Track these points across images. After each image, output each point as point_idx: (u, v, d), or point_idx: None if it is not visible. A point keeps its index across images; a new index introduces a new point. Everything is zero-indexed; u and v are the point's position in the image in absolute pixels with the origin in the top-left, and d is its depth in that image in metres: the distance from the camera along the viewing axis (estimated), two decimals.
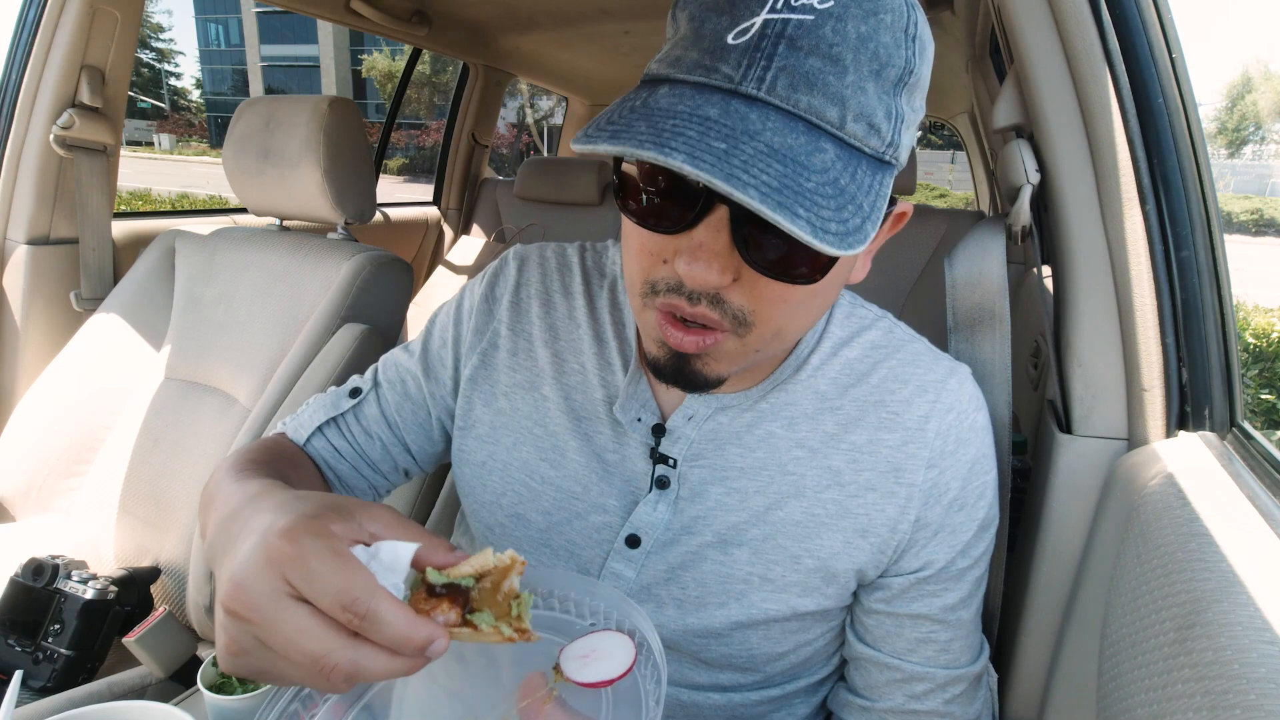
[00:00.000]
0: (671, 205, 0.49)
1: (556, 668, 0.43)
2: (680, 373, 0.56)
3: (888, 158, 0.48)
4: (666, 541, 0.65)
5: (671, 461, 0.64)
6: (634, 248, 0.54)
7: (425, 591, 0.41)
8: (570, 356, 0.71)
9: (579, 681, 0.42)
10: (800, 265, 0.49)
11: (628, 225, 0.55)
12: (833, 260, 0.49)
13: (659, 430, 0.65)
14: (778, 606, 0.63)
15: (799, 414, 0.64)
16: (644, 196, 0.51)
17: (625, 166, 0.53)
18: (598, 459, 0.67)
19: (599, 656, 0.43)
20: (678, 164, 0.41)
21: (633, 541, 0.65)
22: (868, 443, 0.63)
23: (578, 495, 0.67)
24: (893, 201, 0.54)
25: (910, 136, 0.50)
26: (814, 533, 0.62)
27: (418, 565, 0.42)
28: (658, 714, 0.40)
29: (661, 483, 0.65)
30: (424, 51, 2.64)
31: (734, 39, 0.45)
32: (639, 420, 0.66)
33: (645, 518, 0.65)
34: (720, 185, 0.41)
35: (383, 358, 0.80)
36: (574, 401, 0.69)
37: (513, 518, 0.69)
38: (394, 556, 0.41)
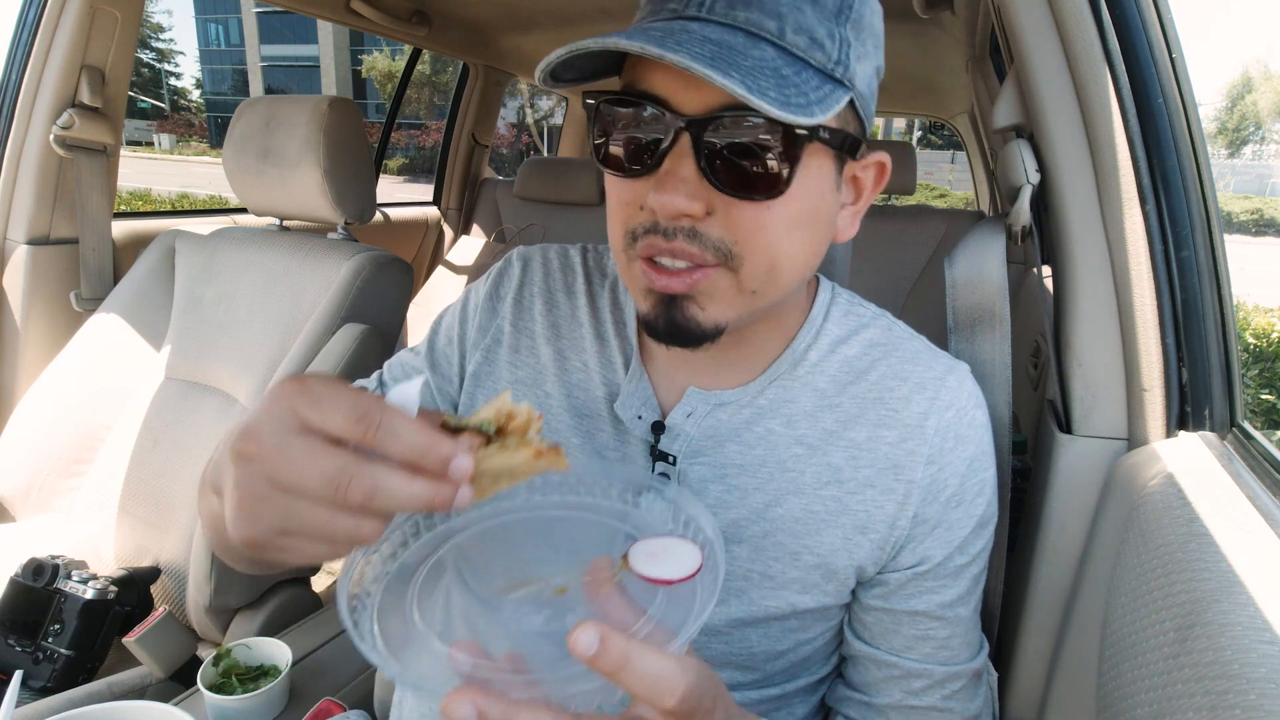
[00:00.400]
0: (640, 147, 0.53)
1: (625, 557, 0.45)
2: (672, 322, 0.55)
3: (837, 75, 0.51)
4: None
5: (671, 459, 0.65)
6: (614, 203, 0.57)
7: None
8: (573, 354, 0.71)
9: (641, 574, 0.43)
10: (763, 178, 0.51)
11: (608, 184, 0.58)
12: (793, 172, 0.51)
13: (659, 428, 0.65)
14: (777, 603, 0.63)
15: (798, 411, 0.64)
16: (615, 144, 0.55)
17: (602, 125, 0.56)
18: (599, 456, 0.68)
19: (666, 558, 0.45)
20: (613, 42, 0.45)
21: (633, 538, 0.65)
22: (867, 439, 0.63)
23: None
24: (861, 149, 0.57)
25: (864, 70, 0.54)
26: (813, 529, 0.62)
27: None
28: (702, 619, 0.40)
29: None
30: (424, 51, 2.64)
31: None
32: (639, 418, 0.66)
33: None
34: (653, 51, 0.44)
35: (389, 360, 0.81)
36: (576, 399, 0.70)
37: None
38: (403, 396, 0.40)
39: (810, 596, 0.63)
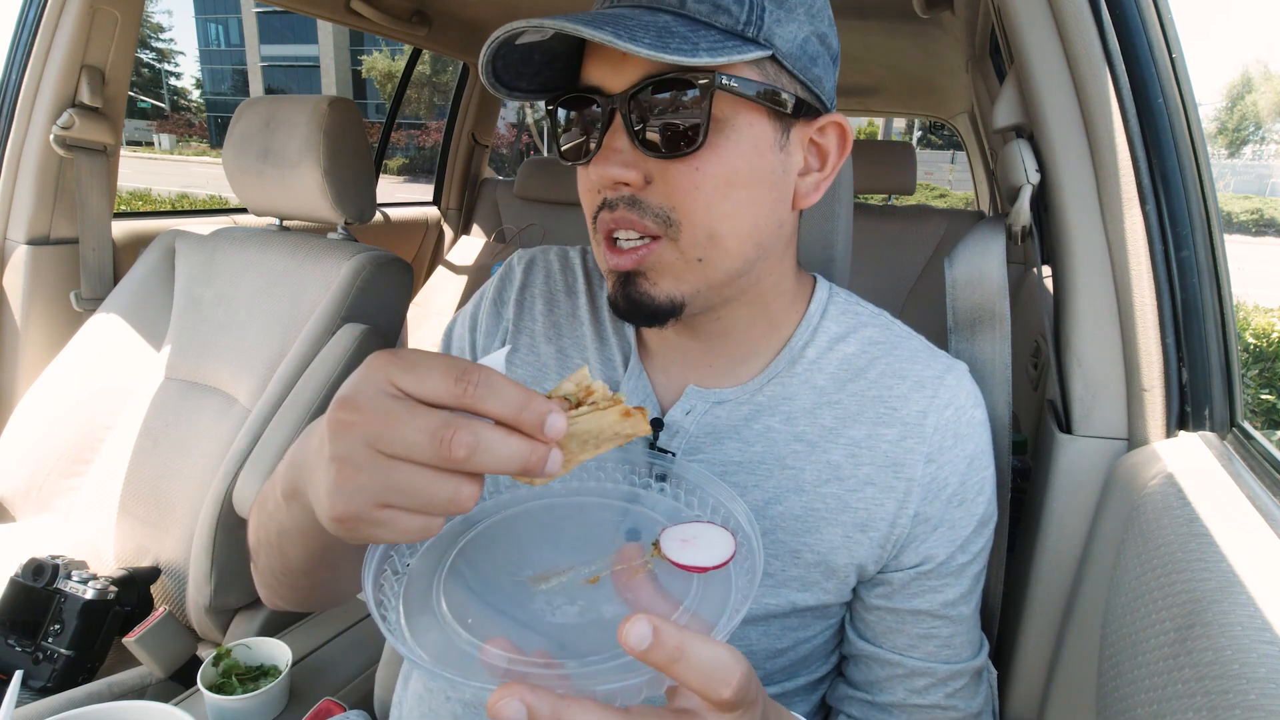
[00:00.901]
0: (582, 136, 0.59)
1: (656, 544, 0.44)
2: (630, 300, 0.59)
3: (748, 34, 0.54)
4: None
5: (670, 455, 0.65)
6: (582, 194, 0.62)
7: None
8: (574, 352, 0.72)
9: (674, 561, 0.42)
10: (681, 134, 0.54)
11: (578, 178, 0.62)
12: (707, 123, 0.53)
13: (658, 425, 0.66)
14: (777, 601, 0.63)
15: (797, 409, 0.65)
16: (570, 138, 0.61)
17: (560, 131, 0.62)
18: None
19: (699, 544, 0.44)
20: (509, 29, 0.50)
21: (633, 535, 0.65)
22: (866, 437, 0.63)
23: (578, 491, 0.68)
24: (809, 111, 0.59)
25: (790, 33, 0.56)
26: (813, 527, 0.62)
27: None
28: (743, 610, 0.39)
29: (661, 477, 0.65)
30: (424, 51, 2.64)
31: None
32: None
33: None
34: (533, 23, 0.49)
35: None
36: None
37: None
38: (492, 364, 0.40)
39: (810, 594, 0.63)
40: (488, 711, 0.35)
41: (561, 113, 0.61)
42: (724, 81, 0.53)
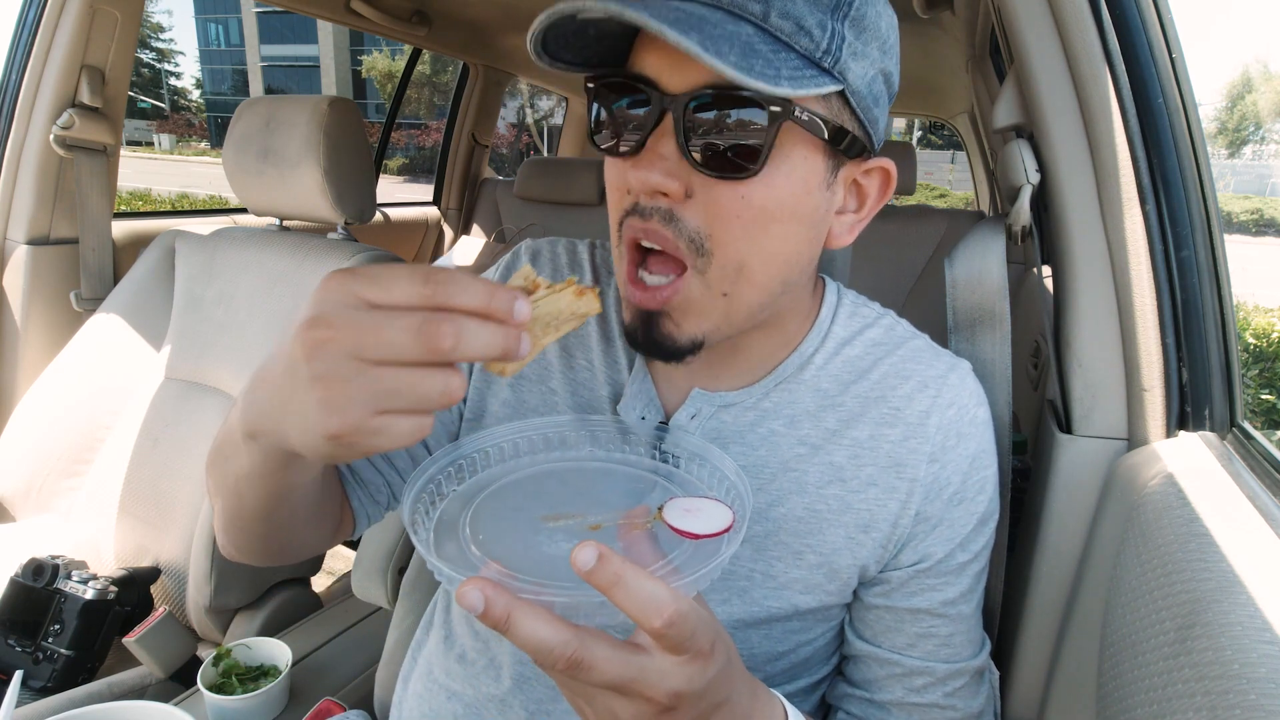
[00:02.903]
0: (628, 128, 0.55)
1: (660, 509, 0.48)
2: (650, 338, 0.57)
3: (825, 64, 0.51)
4: None
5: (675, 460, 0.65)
6: (609, 187, 0.58)
7: None
8: (579, 352, 0.71)
9: (671, 525, 0.47)
10: (737, 155, 0.51)
11: (605, 170, 0.59)
12: (768, 150, 0.51)
13: (662, 429, 0.65)
14: (779, 604, 0.63)
15: (800, 411, 0.64)
16: (608, 126, 0.56)
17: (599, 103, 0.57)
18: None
19: (699, 515, 0.48)
20: (575, 7, 0.46)
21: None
22: (869, 438, 0.63)
23: (582, 491, 0.68)
24: (860, 149, 0.56)
25: (862, 69, 0.53)
26: (816, 529, 0.62)
27: None
28: (713, 571, 0.43)
29: (655, 493, 0.65)
30: (424, 51, 2.64)
31: None
32: (643, 418, 0.66)
33: None
34: (614, 9, 0.45)
35: None
36: (580, 397, 0.70)
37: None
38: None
39: (812, 596, 0.63)
40: (455, 598, 0.38)
41: (602, 93, 0.57)
42: (797, 113, 0.50)
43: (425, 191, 3.00)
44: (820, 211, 0.57)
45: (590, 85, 0.57)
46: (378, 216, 2.57)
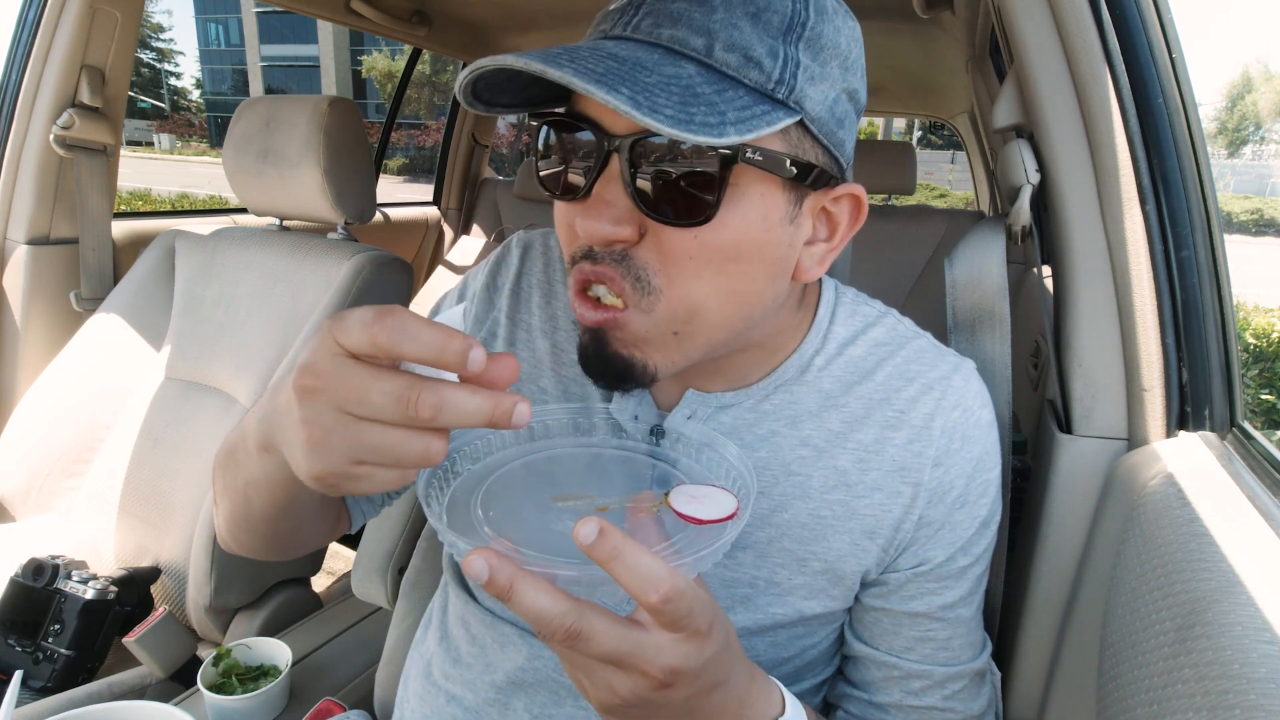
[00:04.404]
0: (573, 172, 0.52)
1: (667, 494, 0.49)
2: (601, 358, 0.55)
3: (778, 95, 0.48)
4: None
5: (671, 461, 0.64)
6: (559, 225, 0.57)
7: None
8: (570, 348, 0.70)
9: (676, 510, 0.48)
10: (689, 203, 0.49)
11: (555, 209, 0.57)
12: (719, 196, 0.48)
13: (657, 432, 0.64)
14: (784, 610, 0.62)
15: (802, 412, 0.63)
16: (553, 168, 0.54)
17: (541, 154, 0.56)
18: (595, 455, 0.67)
19: (704, 502, 0.48)
20: (506, 61, 0.44)
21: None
22: (874, 441, 0.62)
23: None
24: (825, 179, 0.53)
25: (821, 93, 0.50)
26: (820, 535, 0.62)
27: None
28: (714, 555, 0.44)
29: (661, 482, 0.64)
30: (424, 51, 2.64)
31: (614, 4, 0.52)
32: (635, 418, 0.65)
33: None
34: (535, 68, 0.43)
35: None
36: (572, 395, 0.69)
37: None
38: (448, 320, 0.46)
39: (817, 602, 0.63)
40: (461, 566, 0.39)
41: (544, 131, 0.54)
42: (748, 155, 0.48)
43: (425, 191, 2.99)
44: (783, 247, 0.54)
45: (534, 124, 0.55)
46: (378, 216, 2.57)
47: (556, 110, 0.53)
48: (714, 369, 0.63)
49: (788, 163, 0.50)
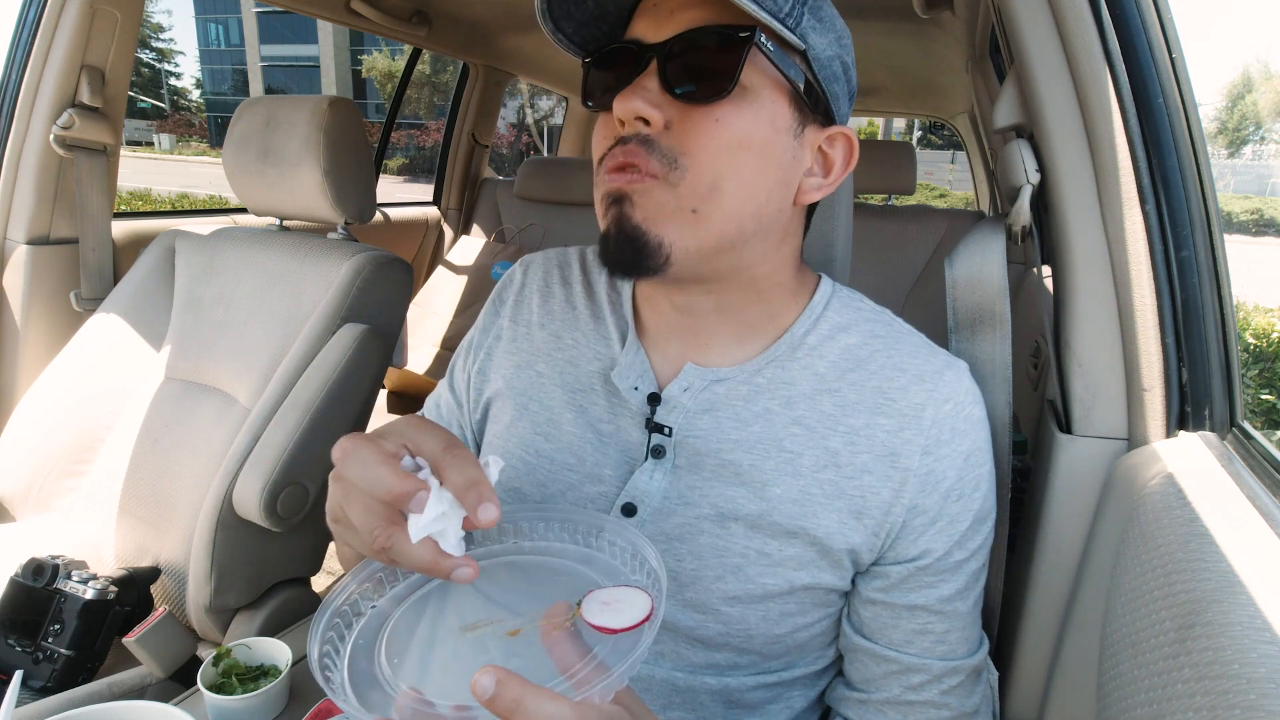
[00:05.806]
0: (615, 75, 0.60)
1: (579, 604, 0.49)
2: (622, 235, 0.58)
3: (789, 24, 0.56)
4: (664, 511, 0.66)
5: (667, 430, 0.65)
6: (597, 142, 0.61)
7: None
8: (566, 334, 0.74)
9: (590, 622, 0.47)
10: (708, 78, 0.56)
11: (595, 130, 0.62)
12: (735, 73, 0.55)
13: (655, 399, 0.67)
14: (775, 581, 0.64)
15: (796, 393, 0.65)
16: (595, 80, 0.62)
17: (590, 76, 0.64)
18: (592, 429, 0.69)
19: (617, 607, 0.48)
20: None
21: (629, 510, 0.66)
22: (864, 426, 0.64)
23: (572, 466, 0.69)
24: (822, 112, 0.62)
25: (822, 43, 0.59)
26: (810, 511, 0.63)
27: None
28: (630, 666, 0.44)
29: (657, 452, 0.66)
30: (424, 51, 2.64)
31: None
32: (635, 388, 0.67)
33: (641, 486, 0.66)
34: None
35: (429, 396, 0.87)
36: (568, 375, 0.72)
37: (510, 493, 0.71)
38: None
39: (806, 573, 0.64)
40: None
41: (595, 62, 0.63)
42: (761, 39, 0.55)
43: (425, 191, 2.99)
44: (789, 157, 0.60)
45: (586, 62, 0.63)
46: (378, 216, 2.57)
47: (608, 42, 0.62)
48: (710, 327, 0.66)
49: (792, 72, 0.57)
